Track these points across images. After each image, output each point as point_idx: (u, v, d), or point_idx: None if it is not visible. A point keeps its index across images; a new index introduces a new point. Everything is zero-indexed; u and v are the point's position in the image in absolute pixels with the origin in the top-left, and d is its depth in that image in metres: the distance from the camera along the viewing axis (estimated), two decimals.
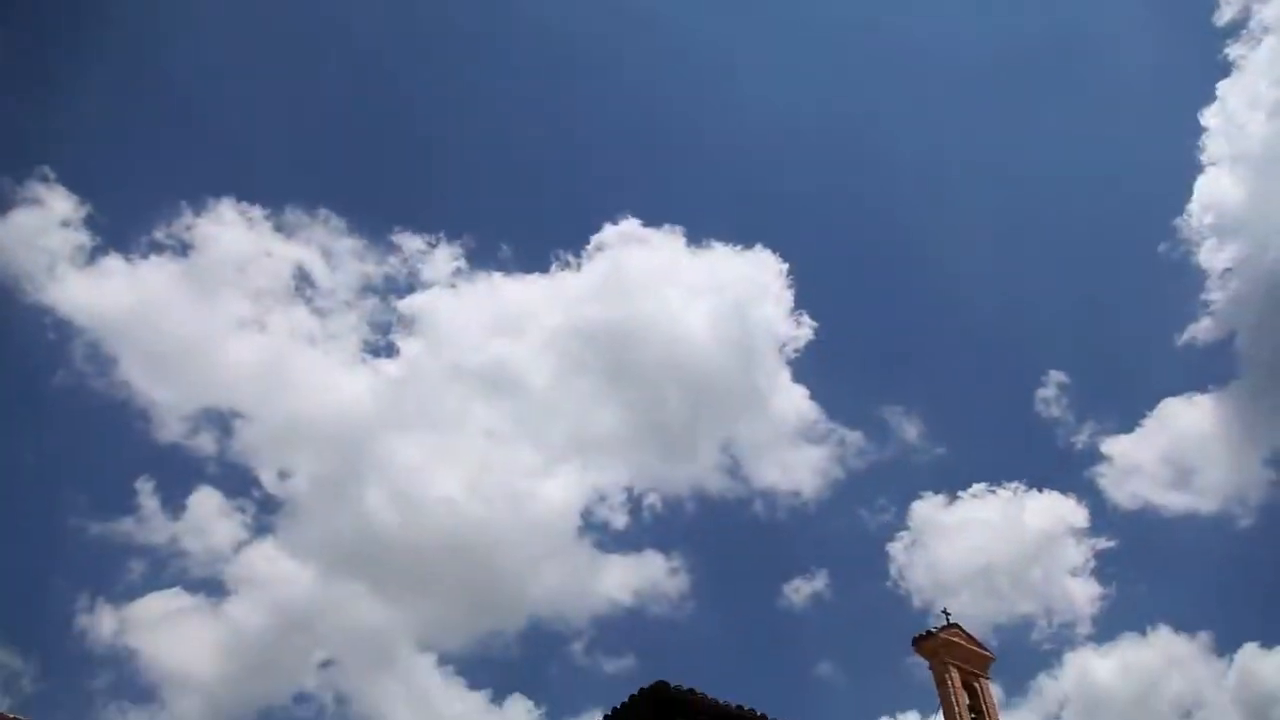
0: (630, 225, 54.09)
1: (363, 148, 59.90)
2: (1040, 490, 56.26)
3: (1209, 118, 49.38)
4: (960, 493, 57.68)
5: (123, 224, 57.41)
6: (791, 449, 55.62)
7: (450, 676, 55.16)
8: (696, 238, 63.89)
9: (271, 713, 50.72)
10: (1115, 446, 55.57)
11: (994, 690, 19.41)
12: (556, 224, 63.96)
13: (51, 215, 43.56)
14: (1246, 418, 49.91)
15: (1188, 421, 53.96)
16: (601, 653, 55.84)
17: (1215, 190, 50.58)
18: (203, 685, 48.27)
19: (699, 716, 11.45)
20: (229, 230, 49.42)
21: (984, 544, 52.43)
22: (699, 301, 55.30)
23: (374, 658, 50.46)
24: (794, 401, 56.94)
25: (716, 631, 57.40)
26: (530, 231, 63.44)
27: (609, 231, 55.78)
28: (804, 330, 59.08)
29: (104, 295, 44.98)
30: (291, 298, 54.82)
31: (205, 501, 50.93)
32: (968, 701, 18.79)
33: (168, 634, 47.10)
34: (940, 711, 18.60)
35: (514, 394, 54.16)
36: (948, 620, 19.38)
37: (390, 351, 59.15)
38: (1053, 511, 53.56)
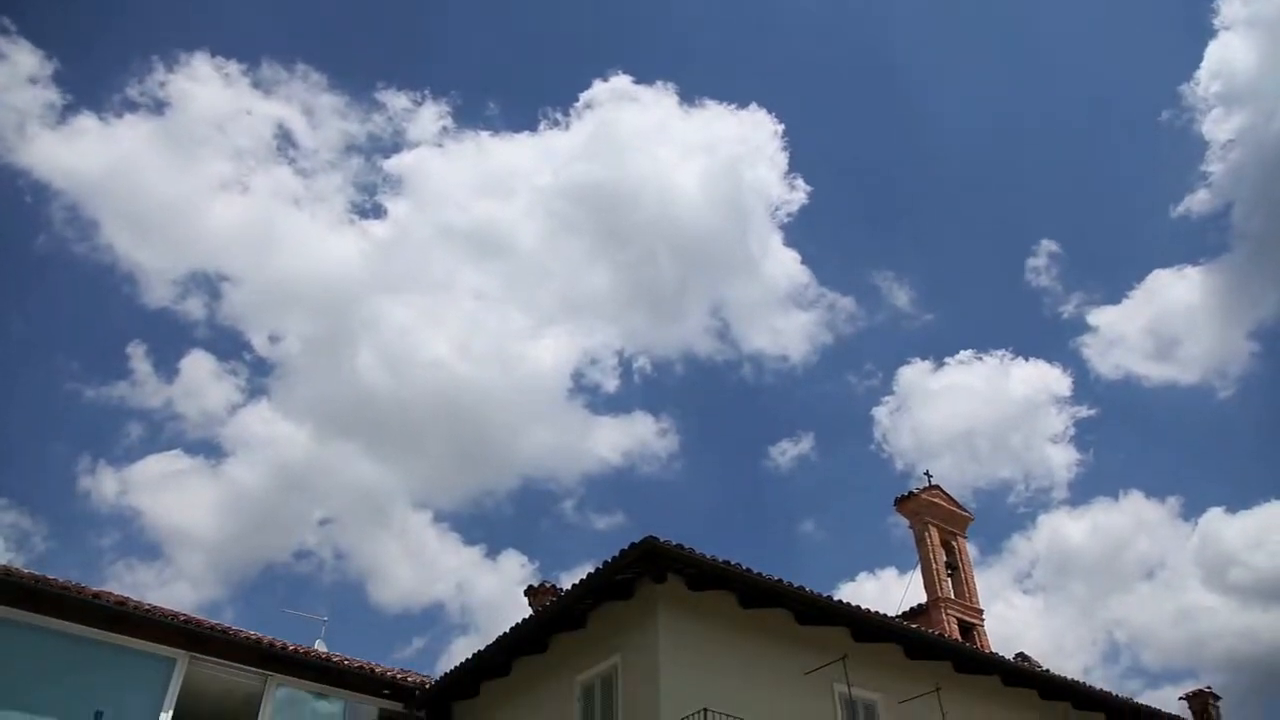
0: (621, 82, 52.06)
1: None
2: (1026, 359, 57.02)
3: None
4: (947, 359, 58.38)
5: (93, 81, 55.13)
6: (781, 313, 55.77)
7: (445, 533, 56.98)
8: (689, 96, 61.74)
9: (273, 568, 52.49)
10: (1101, 317, 56.00)
11: (970, 549, 20.23)
12: (545, 81, 61.78)
13: (17, 71, 41.08)
14: (1234, 291, 50.14)
15: (1175, 293, 54.24)
16: (592, 510, 57.56)
17: (1226, 57, 48.78)
18: (206, 543, 49.76)
19: (686, 571, 11.94)
20: (205, 87, 47.25)
21: (968, 410, 53.51)
22: (691, 162, 53.88)
23: (371, 515, 51.92)
24: (785, 266, 56.71)
25: (704, 491, 59.10)
26: (518, 89, 61.33)
27: (599, 89, 53.77)
28: (798, 194, 58.11)
29: (79, 156, 43.11)
30: (273, 157, 53.30)
31: (197, 365, 51.17)
32: (945, 559, 19.58)
33: (169, 494, 48.21)
34: (918, 568, 19.40)
35: (503, 255, 53.61)
36: (929, 482, 19.97)
37: (378, 213, 58.12)
38: (1037, 380, 54.53)
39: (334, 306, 49.46)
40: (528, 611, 15.07)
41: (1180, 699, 24.46)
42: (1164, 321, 52.79)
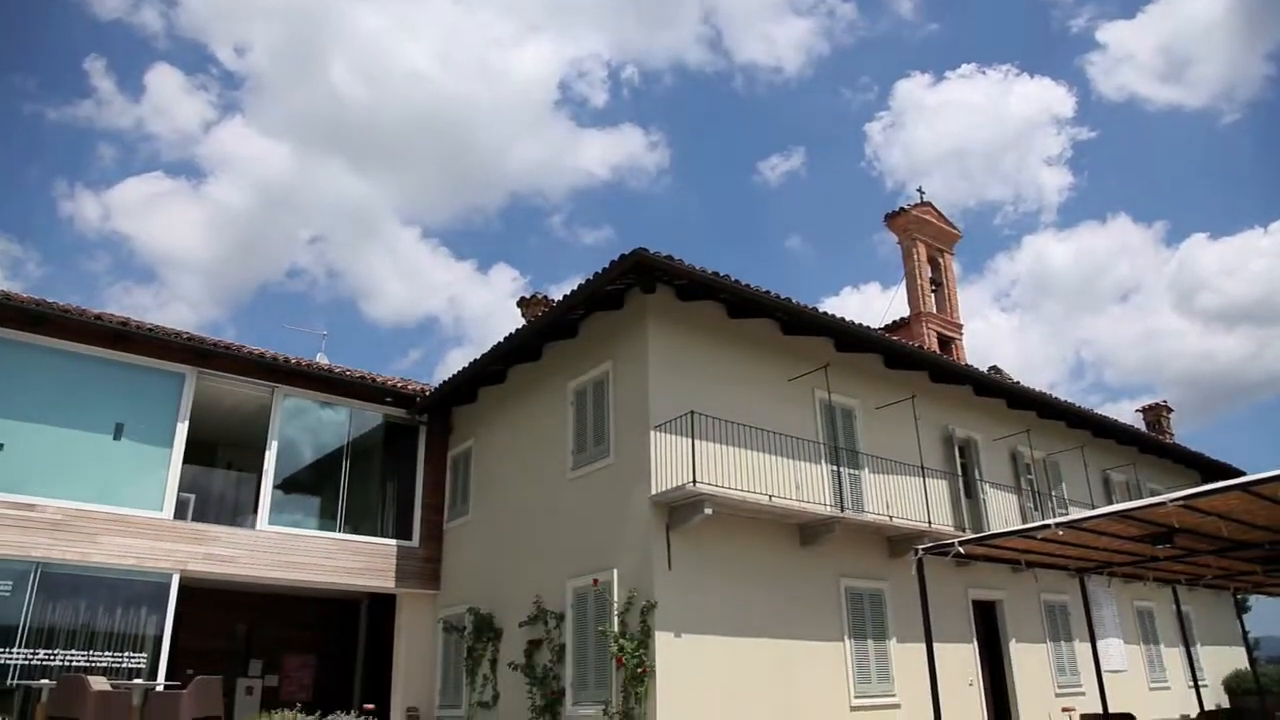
0: None
1: None
2: (1031, 76, 54.86)
3: None
4: (948, 73, 56.10)
5: None
6: (777, 21, 52.68)
7: (435, 248, 57.27)
8: None
9: (268, 287, 53.25)
10: (1112, 33, 53.19)
11: (954, 266, 20.52)
12: None
13: None
14: (1262, 5, 47.27)
15: (1195, 8, 51.28)
16: (580, 225, 57.59)
17: None
18: (199, 265, 50.07)
19: (675, 281, 12.12)
20: None
21: (964, 127, 52.34)
22: None
23: (360, 232, 51.96)
24: None
25: (693, 205, 58.88)
26: None
27: None
28: None
29: None
30: None
31: (163, 80, 48.78)
32: (930, 274, 19.93)
33: (154, 217, 47.89)
34: (903, 283, 19.78)
35: None
36: (921, 198, 19.88)
37: None
38: (1039, 98, 52.87)
39: (300, 14, 46.45)
40: (520, 323, 15.47)
41: (1136, 411, 26.21)
42: (1179, 39, 50.43)
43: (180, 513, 13.91)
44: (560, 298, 12.81)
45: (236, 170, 48.70)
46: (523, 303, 17.15)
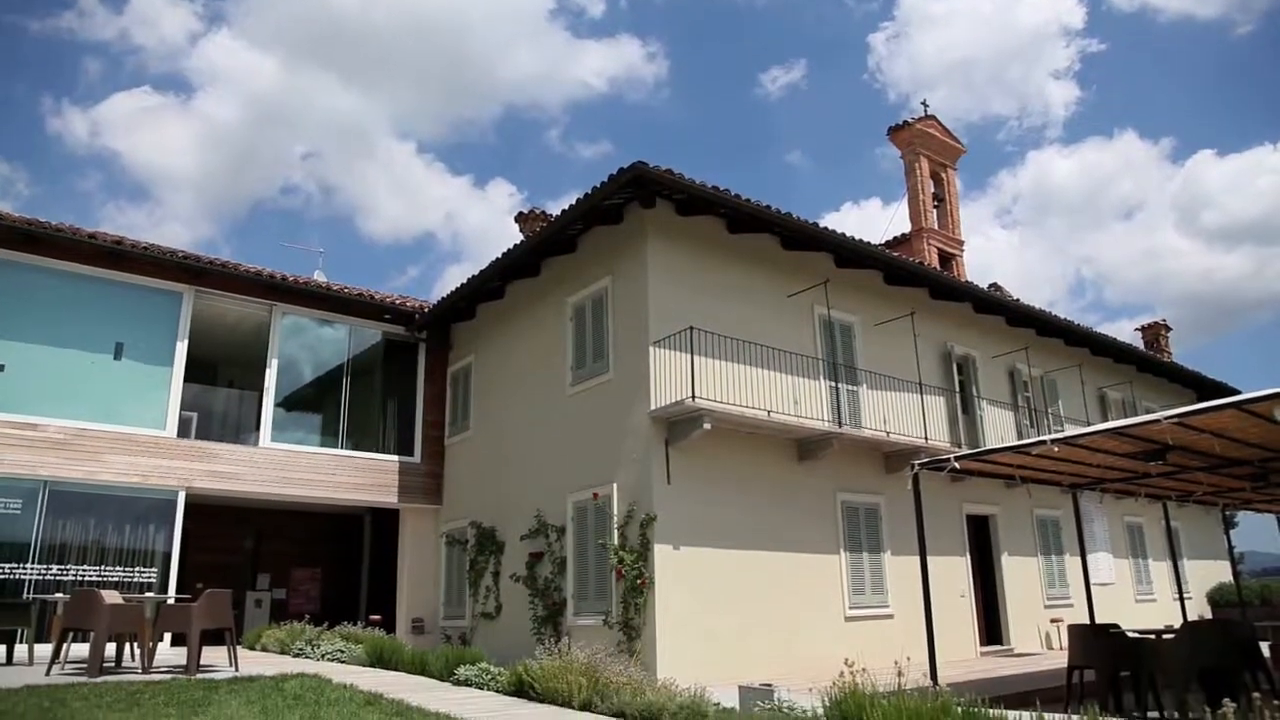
0: None
1: None
2: None
3: None
4: None
5: None
6: None
7: (431, 163, 56.41)
8: None
9: (262, 204, 52.73)
10: None
11: (957, 182, 20.25)
12: None
13: None
14: None
15: None
16: (578, 139, 56.65)
17: None
18: (191, 182, 49.50)
19: (675, 196, 11.95)
20: None
21: (970, 38, 51.03)
22: None
23: (354, 148, 51.16)
24: None
25: (693, 119, 57.85)
26: None
27: None
28: None
29: None
30: None
31: None
32: (932, 190, 19.68)
33: (144, 133, 47.03)
34: (904, 199, 19.55)
35: None
36: (926, 111, 19.50)
37: None
38: (1048, 7, 51.30)
39: None
40: (518, 239, 15.31)
41: (1135, 330, 26.22)
42: None
43: (183, 431, 14.02)
44: (558, 213, 12.66)
45: (226, 84, 47.59)
46: (520, 218, 16.96)
